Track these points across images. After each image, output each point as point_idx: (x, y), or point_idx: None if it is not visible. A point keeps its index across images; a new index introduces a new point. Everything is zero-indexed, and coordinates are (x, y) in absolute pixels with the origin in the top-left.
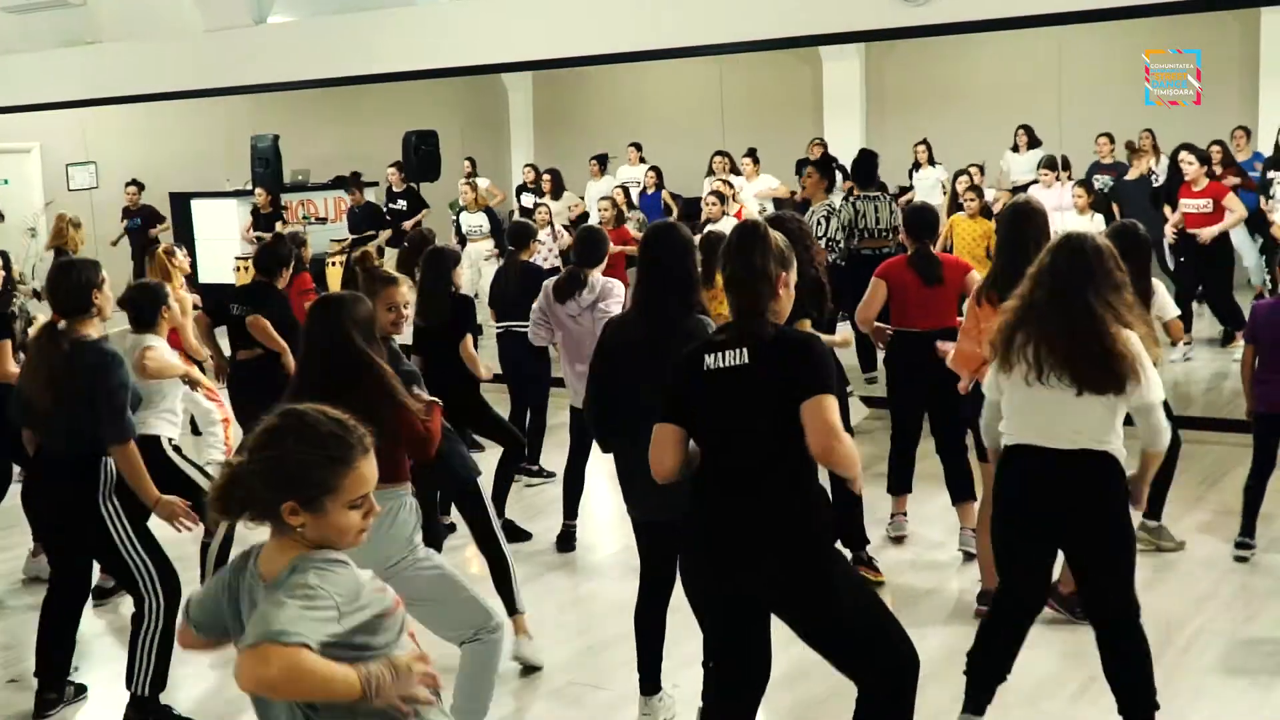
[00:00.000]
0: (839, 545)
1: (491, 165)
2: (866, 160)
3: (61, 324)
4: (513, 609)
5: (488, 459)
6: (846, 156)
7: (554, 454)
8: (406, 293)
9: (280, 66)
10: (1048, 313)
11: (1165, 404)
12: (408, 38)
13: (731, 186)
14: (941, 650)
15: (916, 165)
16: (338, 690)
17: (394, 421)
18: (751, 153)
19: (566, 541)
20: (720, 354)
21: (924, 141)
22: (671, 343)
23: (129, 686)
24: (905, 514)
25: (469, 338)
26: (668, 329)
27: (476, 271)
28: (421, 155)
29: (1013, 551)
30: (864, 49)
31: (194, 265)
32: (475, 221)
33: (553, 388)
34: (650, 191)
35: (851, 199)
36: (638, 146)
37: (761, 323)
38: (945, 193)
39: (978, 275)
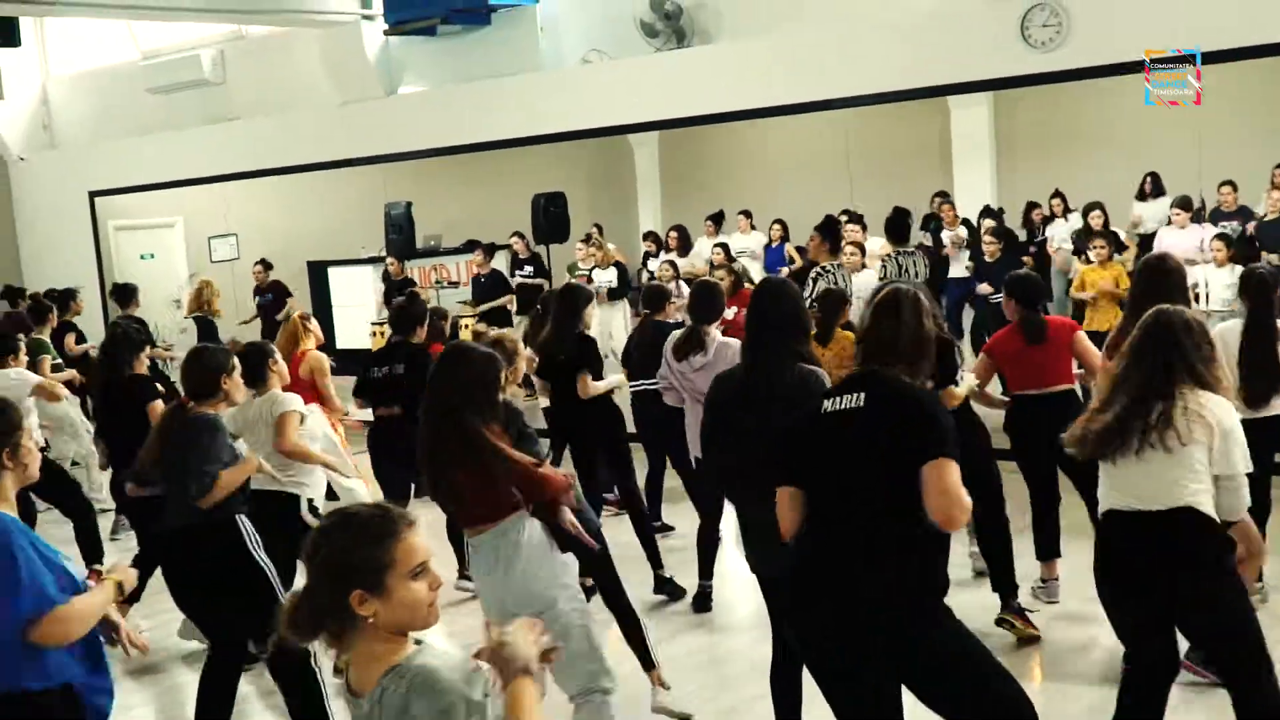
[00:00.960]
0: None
1: (619, 223)
2: (899, 218)
3: (190, 405)
4: (648, 664)
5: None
6: (975, 206)
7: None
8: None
9: (411, 135)
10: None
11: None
12: (532, 103)
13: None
14: (1087, 713)
15: (1051, 217)
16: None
17: (507, 475)
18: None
19: (703, 602)
20: (839, 398)
21: (1058, 194)
22: (781, 394)
23: None
24: (1057, 578)
25: (587, 375)
26: (778, 381)
27: (607, 334)
28: (550, 216)
29: (1124, 616)
30: (993, 95)
31: (330, 331)
32: (605, 277)
33: None
34: (775, 245)
35: (893, 256)
36: (748, 214)
37: (884, 372)
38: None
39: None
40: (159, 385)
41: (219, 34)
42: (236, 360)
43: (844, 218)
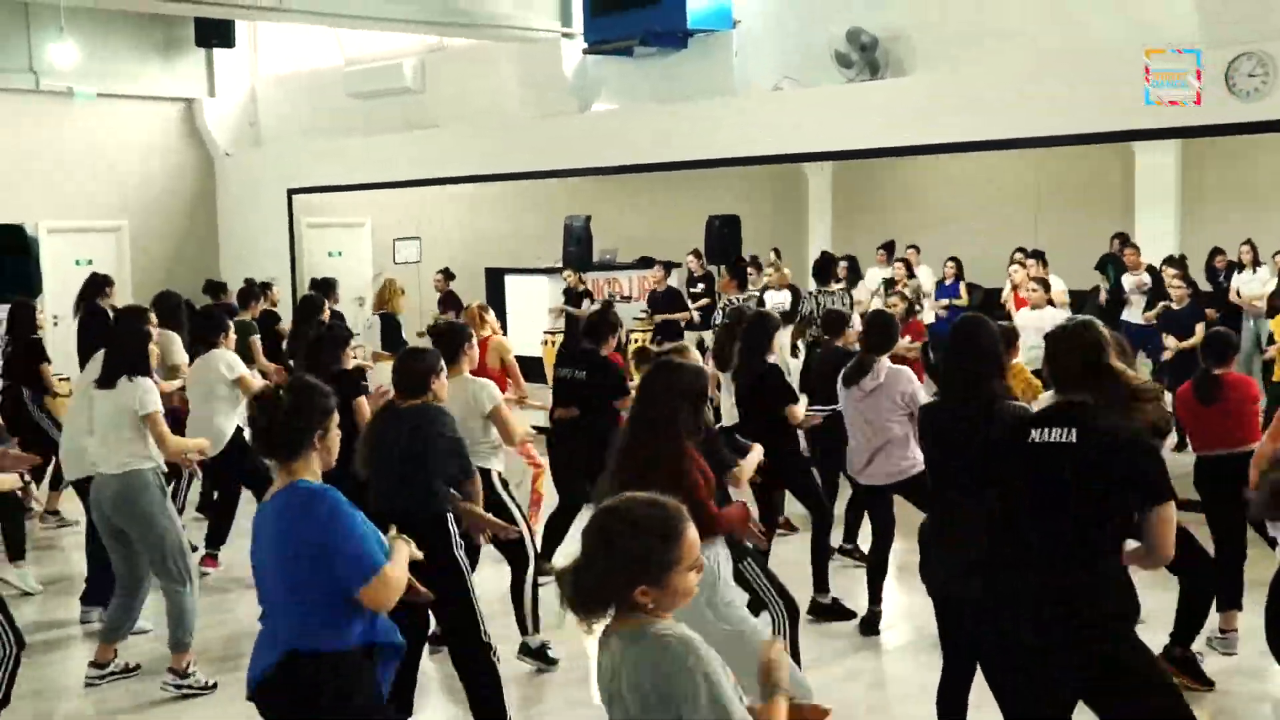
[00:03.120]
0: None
1: (790, 248)
2: (825, 262)
3: (400, 403)
4: None
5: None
6: (1156, 250)
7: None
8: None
9: (599, 152)
10: None
11: None
12: (720, 127)
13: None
14: None
15: (1238, 266)
16: None
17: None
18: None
19: (871, 625)
20: (1047, 429)
21: (1248, 241)
22: (982, 425)
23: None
24: (1236, 630)
25: (795, 407)
26: (981, 413)
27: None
28: (723, 238)
29: None
30: (1181, 141)
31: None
32: (779, 299)
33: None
34: (949, 282)
35: (813, 294)
36: (916, 249)
37: (1091, 406)
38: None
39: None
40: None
41: (421, 45)
42: (444, 364)
43: (1019, 254)
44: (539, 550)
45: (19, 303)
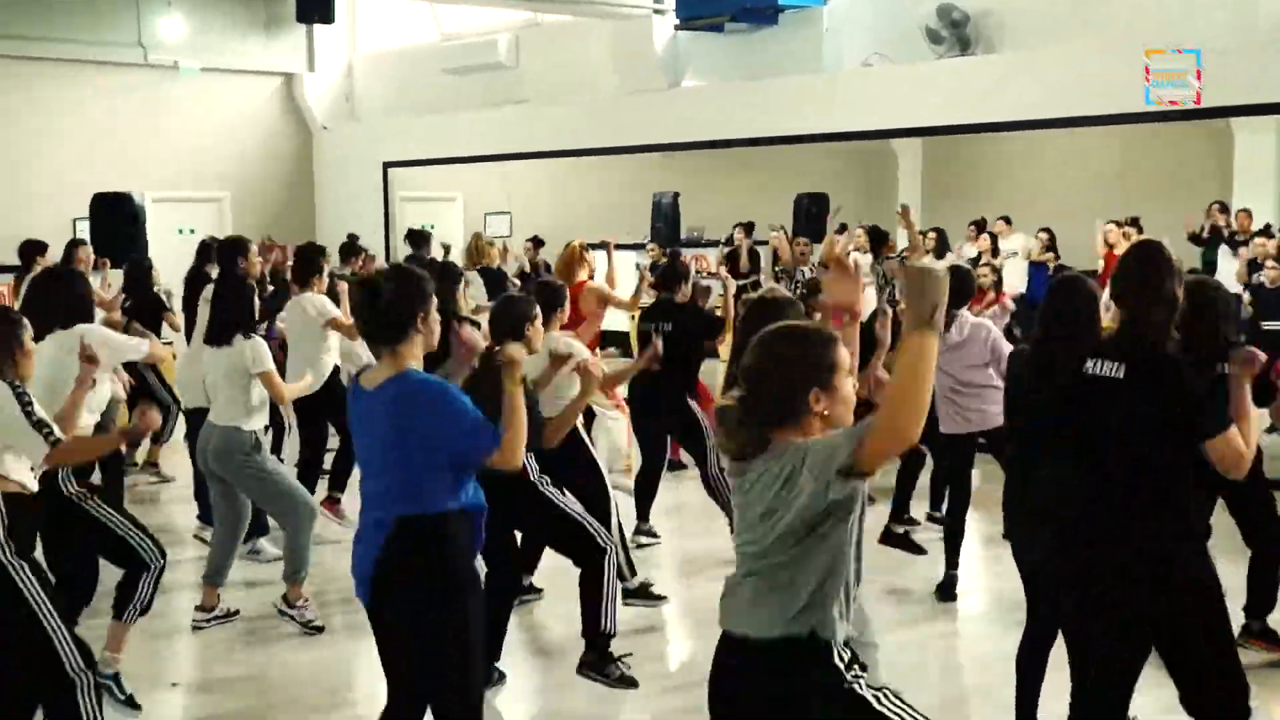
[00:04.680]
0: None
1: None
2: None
3: (494, 349)
4: None
5: None
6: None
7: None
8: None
9: (688, 128)
10: None
11: None
12: (809, 103)
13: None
14: None
15: None
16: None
17: None
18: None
19: (948, 590)
20: (1100, 362)
21: None
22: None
23: (599, 629)
24: None
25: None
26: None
27: None
28: (811, 216)
29: None
30: None
31: None
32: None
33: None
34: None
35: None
36: (1008, 220)
37: (1141, 339)
38: None
39: None
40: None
41: (516, 20)
42: (539, 310)
43: (1111, 225)
44: (637, 511)
45: (136, 261)
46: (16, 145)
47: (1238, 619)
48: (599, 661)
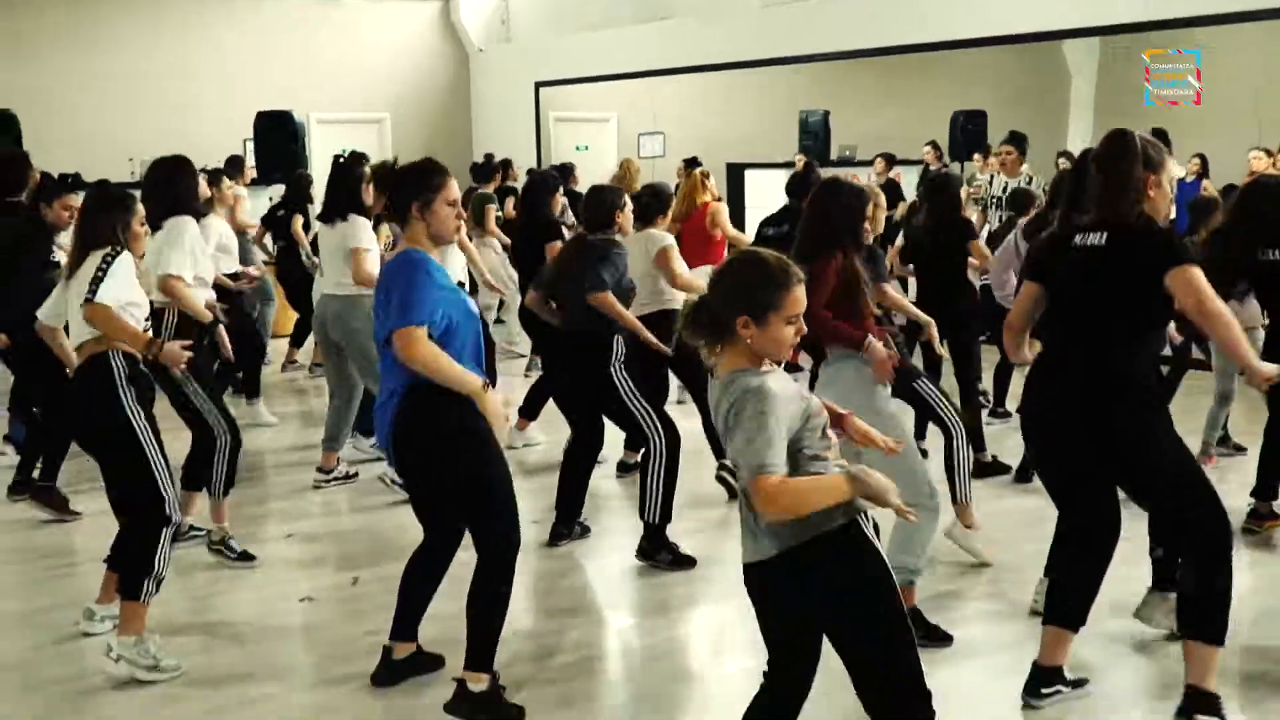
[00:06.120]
0: None
1: (1042, 148)
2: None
3: (586, 235)
4: (954, 497)
5: None
6: None
7: None
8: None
9: (834, 38)
10: None
11: None
12: (966, 6)
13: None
14: None
15: None
16: (832, 495)
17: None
18: None
19: (1026, 472)
20: (1086, 235)
21: None
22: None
23: (643, 517)
24: None
25: (977, 243)
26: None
27: None
28: (967, 135)
29: None
30: None
31: (742, 228)
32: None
33: None
34: (1190, 179)
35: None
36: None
37: (1121, 212)
38: None
39: None
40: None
41: None
42: (629, 200)
43: (1260, 152)
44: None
45: (298, 175)
46: (191, 70)
47: None
48: (649, 548)
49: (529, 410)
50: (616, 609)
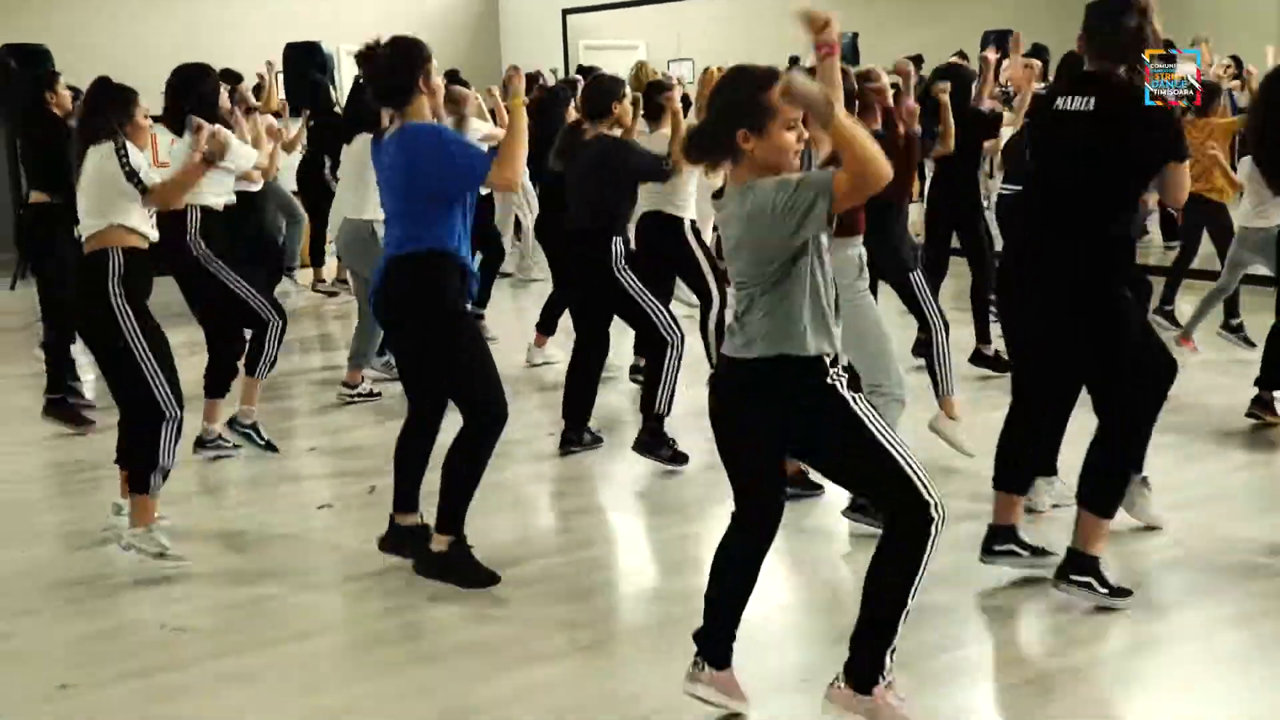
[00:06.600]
0: None
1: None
2: None
3: (585, 125)
4: (938, 390)
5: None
6: None
7: None
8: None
9: None
10: None
11: None
12: None
13: None
14: None
15: None
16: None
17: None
18: None
19: None
20: (1070, 99)
21: None
22: None
23: (652, 409)
24: None
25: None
26: None
27: None
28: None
29: None
30: None
31: None
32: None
33: None
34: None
35: None
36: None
37: (1111, 76)
38: None
39: None
40: None
41: None
42: (629, 89)
43: None
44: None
45: (317, 81)
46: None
47: None
48: (651, 441)
49: (545, 325)
50: (625, 511)
